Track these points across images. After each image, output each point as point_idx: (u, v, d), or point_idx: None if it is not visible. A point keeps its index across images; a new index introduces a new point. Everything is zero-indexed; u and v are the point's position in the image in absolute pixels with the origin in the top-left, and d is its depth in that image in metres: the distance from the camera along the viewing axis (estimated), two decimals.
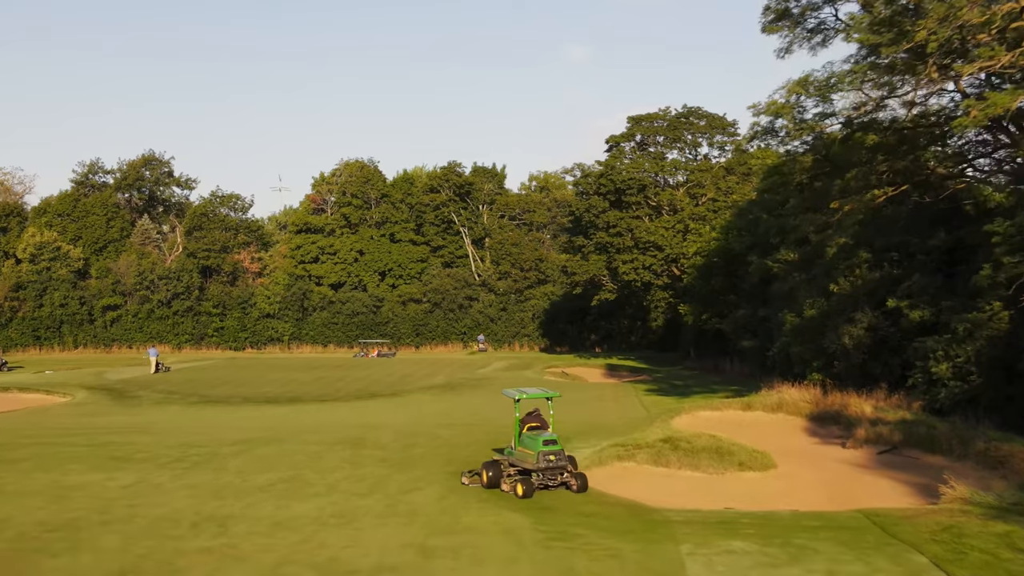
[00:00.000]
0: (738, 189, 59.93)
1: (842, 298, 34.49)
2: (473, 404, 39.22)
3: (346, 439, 29.14)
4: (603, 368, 59.61)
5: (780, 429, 29.55)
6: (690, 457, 23.87)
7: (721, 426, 29.61)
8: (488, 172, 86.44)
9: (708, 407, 31.72)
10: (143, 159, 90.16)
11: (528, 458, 20.86)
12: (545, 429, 21.83)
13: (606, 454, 24.16)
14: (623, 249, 60.42)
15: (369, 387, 46.54)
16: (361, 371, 55.34)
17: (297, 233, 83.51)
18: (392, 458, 25.88)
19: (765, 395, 32.34)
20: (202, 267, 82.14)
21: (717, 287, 52.87)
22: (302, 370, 56.21)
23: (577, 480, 20.71)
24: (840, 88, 25.22)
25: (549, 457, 20.39)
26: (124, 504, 20.83)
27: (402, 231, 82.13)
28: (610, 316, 76.92)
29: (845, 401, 30.20)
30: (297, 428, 32.24)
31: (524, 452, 21.17)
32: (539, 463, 20.47)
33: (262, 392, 44.90)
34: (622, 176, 60.44)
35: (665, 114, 62.72)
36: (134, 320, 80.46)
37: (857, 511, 19.27)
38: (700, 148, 62.82)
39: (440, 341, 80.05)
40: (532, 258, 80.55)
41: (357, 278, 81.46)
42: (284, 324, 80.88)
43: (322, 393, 44.25)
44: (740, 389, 41.46)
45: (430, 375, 52.02)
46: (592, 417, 33.22)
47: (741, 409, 31.15)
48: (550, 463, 20.43)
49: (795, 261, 42.35)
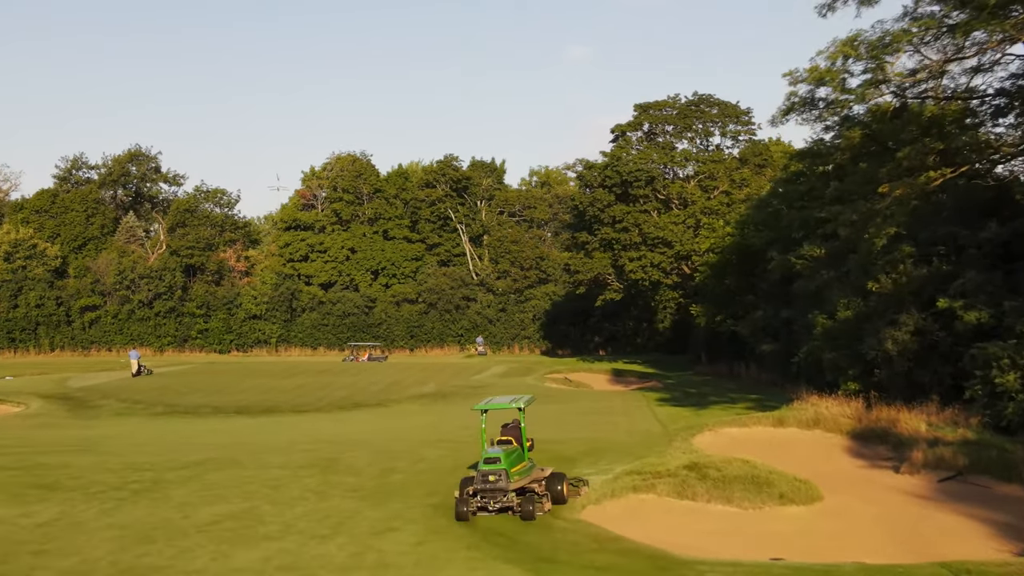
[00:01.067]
0: (753, 181, 55.99)
1: (883, 298, 30.49)
2: (465, 416, 35.11)
3: (316, 461, 25.18)
4: (609, 373, 55.58)
5: (819, 449, 25.56)
6: (721, 488, 19.90)
7: (751, 446, 25.62)
8: (487, 166, 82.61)
9: (734, 423, 27.68)
10: (129, 154, 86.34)
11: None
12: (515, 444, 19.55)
13: (620, 485, 20.16)
14: (630, 246, 56.43)
15: (353, 395, 42.53)
16: (347, 377, 51.32)
17: (286, 230, 79.62)
18: (365, 486, 21.93)
19: (798, 408, 28.30)
20: (185, 266, 78.21)
21: (732, 286, 48.88)
22: (284, 376, 52.20)
23: (522, 506, 18.18)
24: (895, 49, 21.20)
25: (489, 477, 18.28)
26: (30, 550, 17.04)
27: (396, 228, 78.26)
28: (615, 317, 73.07)
29: (893, 416, 26.20)
30: (263, 446, 28.27)
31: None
32: (476, 482, 18.38)
33: (236, 401, 40.93)
34: (629, 167, 56.45)
35: (674, 102, 58.76)
36: (114, 321, 76.57)
37: (939, 564, 15.38)
38: (712, 138, 59.00)
39: (436, 343, 76.23)
40: (533, 256, 76.80)
41: (348, 277, 77.63)
42: (271, 326, 76.97)
43: (301, 403, 40.27)
44: (762, 399, 37.56)
45: (421, 382, 47.98)
46: (600, 433, 29.25)
47: (772, 425, 27.13)
48: (487, 484, 18.26)
49: (822, 257, 38.36)
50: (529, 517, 18.01)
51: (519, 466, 19.09)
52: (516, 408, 20.35)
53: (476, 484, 18.40)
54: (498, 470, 18.32)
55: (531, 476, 19.30)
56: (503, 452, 18.83)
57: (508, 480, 18.31)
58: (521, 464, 19.27)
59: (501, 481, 18.23)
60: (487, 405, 20.17)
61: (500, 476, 18.26)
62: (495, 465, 18.43)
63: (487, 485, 18.26)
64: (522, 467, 19.23)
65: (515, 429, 20.24)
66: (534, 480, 19.27)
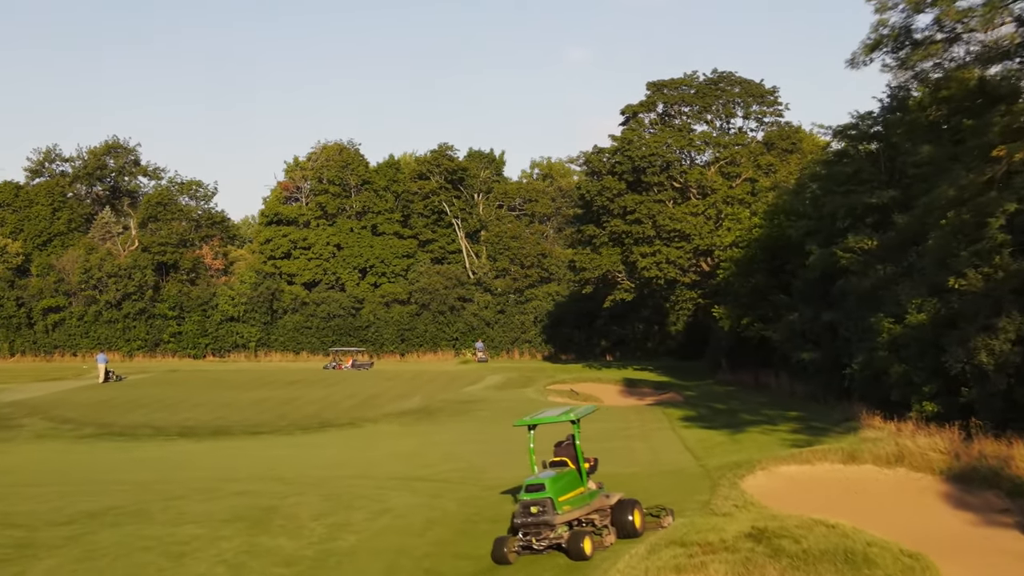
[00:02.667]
0: (781, 167, 49.83)
1: (971, 298, 24.35)
2: (453, 441, 29.16)
3: (248, 510, 19.17)
4: (620, 383, 49.45)
5: (908, 497, 19.49)
6: (802, 570, 13.81)
7: (820, 493, 19.57)
8: (485, 157, 76.67)
9: (791, 458, 21.52)
10: (106, 146, 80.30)
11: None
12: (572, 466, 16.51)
13: (658, 564, 14.03)
14: (642, 239, 50.25)
15: (322, 412, 36.39)
16: (321, 389, 45.12)
17: (267, 225, 73.43)
18: (301, 558, 15.91)
19: (871, 438, 22.22)
20: (157, 263, 72.09)
21: (761, 285, 42.80)
22: (249, 387, 46.00)
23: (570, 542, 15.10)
24: None
25: (530, 508, 15.49)
26: None
27: (386, 222, 72.13)
28: (623, 319, 67.06)
29: (1002, 451, 20.18)
30: (190, 485, 22.23)
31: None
32: (517, 515, 15.71)
33: (183, 419, 34.86)
34: (641, 152, 50.20)
35: (691, 80, 52.58)
36: (79, 324, 70.43)
37: None
38: (734, 119, 52.76)
39: (428, 348, 70.15)
40: (534, 253, 70.70)
41: (334, 276, 71.53)
42: (250, 328, 70.85)
43: (259, 422, 34.17)
44: (804, 417, 31.50)
45: (405, 394, 41.79)
46: (616, 466, 22.92)
47: (841, 461, 21.02)
48: (529, 516, 15.45)
49: (874, 249, 32.37)
50: (580, 556, 14.97)
51: (572, 493, 16.04)
52: (569, 422, 17.05)
53: (517, 517, 15.66)
54: (541, 499, 15.45)
55: (592, 504, 16.19)
56: (549, 477, 15.83)
57: (555, 511, 15.38)
58: (575, 490, 16.17)
59: (546, 513, 15.34)
60: (534, 419, 17.19)
61: (544, 506, 15.39)
62: (537, 493, 15.56)
63: (529, 518, 15.40)
64: (577, 494, 16.13)
65: (570, 448, 17.01)
66: (596, 509, 16.19)
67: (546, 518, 15.36)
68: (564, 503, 15.70)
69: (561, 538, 15.32)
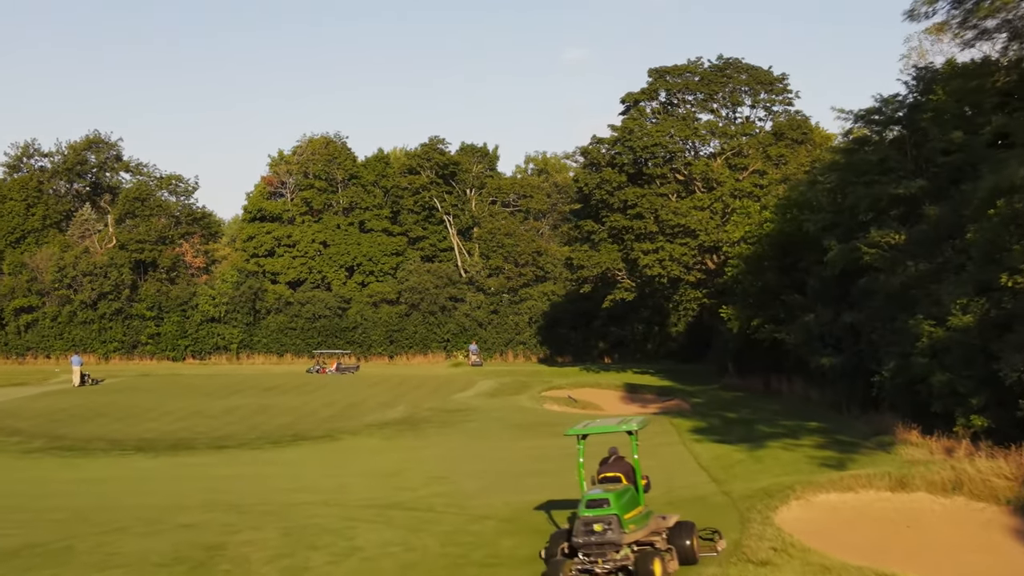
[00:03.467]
0: (792, 159, 46.90)
1: None
2: (438, 457, 26.13)
3: (191, 549, 16.15)
4: (620, 389, 46.42)
5: (971, 532, 16.51)
6: None
7: (868, 527, 16.57)
8: (477, 151, 73.71)
9: (830, 484, 18.43)
10: (87, 141, 77.12)
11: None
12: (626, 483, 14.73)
13: None
14: (644, 235, 47.25)
15: (296, 423, 33.26)
16: (298, 396, 41.95)
17: (250, 221, 70.36)
18: None
19: (923, 461, 19.23)
20: (135, 262, 68.95)
21: (772, 283, 39.91)
22: (224, 393, 42.82)
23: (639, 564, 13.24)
24: None
25: (593, 526, 13.62)
26: None
27: (374, 219, 69.08)
28: (622, 320, 64.15)
29: None
30: (132, 514, 19.18)
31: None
32: (576, 534, 13.80)
33: (143, 431, 31.78)
34: (643, 142, 47.24)
35: (696, 67, 49.58)
36: (53, 325, 67.17)
37: None
38: (741, 109, 49.77)
39: (418, 350, 67.13)
40: (529, 251, 67.73)
41: (320, 274, 68.48)
42: (232, 330, 67.72)
43: (227, 433, 31.08)
44: (827, 429, 28.53)
45: (389, 403, 38.66)
46: None
47: (889, 489, 17.99)
48: (592, 535, 13.59)
49: (902, 244, 29.49)
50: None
51: (634, 511, 14.39)
52: (625, 432, 15.36)
53: (576, 537, 13.72)
54: (606, 516, 13.62)
55: (650, 526, 14.55)
56: (614, 492, 14.03)
57: (621, 529, 13.61)
58: (636, 509, 14.53)
59: (611, 532, 13.55)
60: (586, 429, 15.42)
61: (610, 524, 13.58)
62: (602, 509, 13.69)
63: (592, 538, 13.59)
64: (637, 513, 14.49)
65: (620, 463, 15.21)
66: (654, 532, 14.55)
67: (612, 537, 13.50)
68: (629, 522, 13.95)
69: (628, 559, 13.54)
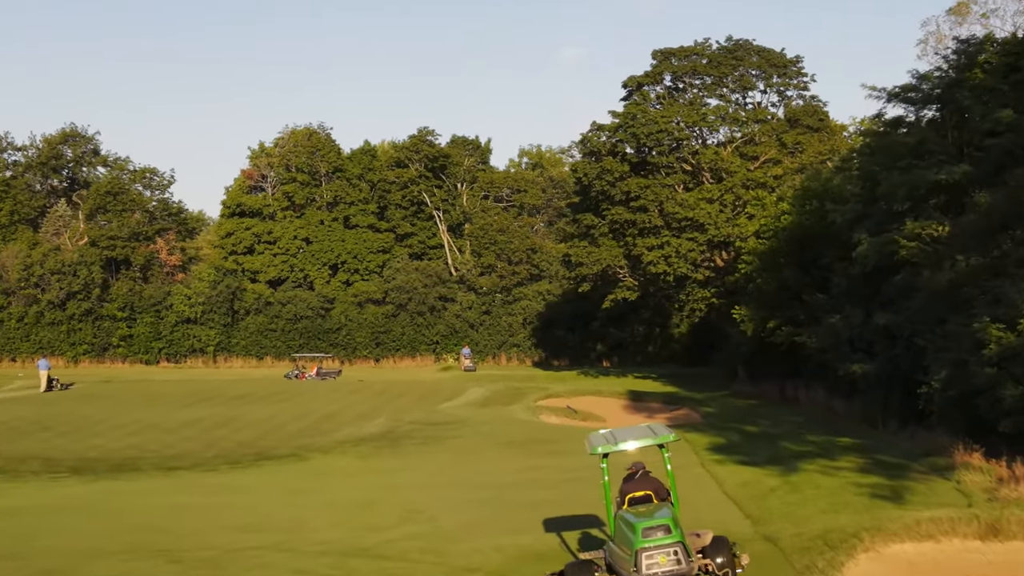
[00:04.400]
0: (809, 146, 43.45)
1: None
2: (417, 484, 22.48)
3: None
4: (623, 397, 42.82)
5: None
6: None
7: None
8: (469, 143, 70.90)
9: (903, 531, 14.74)
10: (62, 134, 74.12)
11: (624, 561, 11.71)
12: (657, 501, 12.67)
13: None
14: (648, 230, 43.89)
15: (261, 438, 29.63)
16: (269, 406, 38.28)
17: (228, 217, 67.12)
18: None
19: (1016, 500, 15.65)
20: (106, 259, 65.52)
21: (791, 281, 36.57)
22: (188, 402, 39.15)
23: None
24: None
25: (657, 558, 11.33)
26: None
27: (360, 214, 66.09)
28: (621, 321, 61.15)
29: None
30: (32, 568, 15.50)
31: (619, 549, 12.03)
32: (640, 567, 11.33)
33: (86, 448, 28.15)
34: (647, 129, 43.82)
35: (703, 48, 46.22)
36: (19, 326, 63.74)
37: None
38: (752, 93, 46.39)
39: (406, 353, 64.29)
40: (523, 248, 65.03)
41: (302, 273, 65.47)
42: (209, 331, 64.41)
43: (181, 452, 27.45)
44: (865, 446, 25.21)
45: (367, 413, 34.98)
46: None
47: (978, 536, 14.41)
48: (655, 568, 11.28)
49: (946, 236, 26.18)
50: None
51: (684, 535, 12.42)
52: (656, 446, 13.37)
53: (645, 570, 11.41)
54: (671, 544, 11.56)
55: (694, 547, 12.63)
56: (669, 517, 12.03)
57: (688, 559, 11.67)
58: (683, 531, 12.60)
59: (681, 563, 11.47)
60: (609, 446, 13.12)
61: (676, 553, 11.52)
62: (665, 537, 11.57)
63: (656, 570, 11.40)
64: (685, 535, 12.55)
65: (649, 479, 13.27)
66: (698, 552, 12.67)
67: (683, 569, 11.62)
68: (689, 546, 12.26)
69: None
